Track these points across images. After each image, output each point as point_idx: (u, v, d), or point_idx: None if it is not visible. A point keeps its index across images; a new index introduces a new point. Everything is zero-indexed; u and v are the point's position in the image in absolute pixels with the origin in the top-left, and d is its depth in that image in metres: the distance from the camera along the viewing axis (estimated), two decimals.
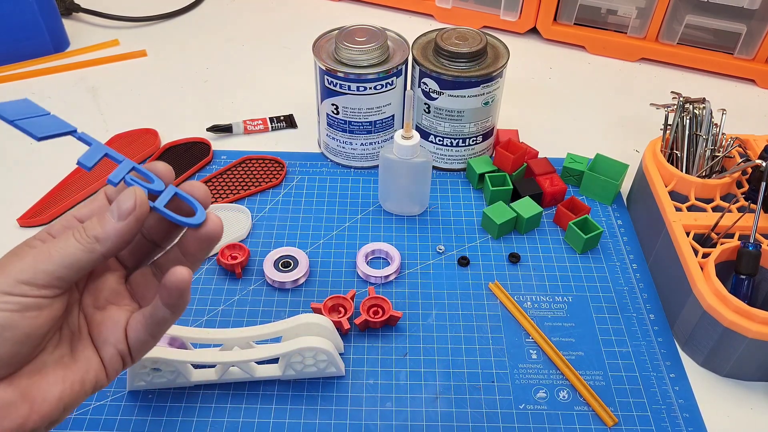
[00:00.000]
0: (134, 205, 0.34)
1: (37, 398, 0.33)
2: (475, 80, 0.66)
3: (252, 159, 0.74)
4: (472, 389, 0.54)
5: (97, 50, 0.93)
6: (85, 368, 0.35)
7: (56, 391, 0.34)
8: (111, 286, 0.37)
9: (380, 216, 0.69)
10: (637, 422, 0.52)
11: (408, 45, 0.69)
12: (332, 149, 0.74)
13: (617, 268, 0.64)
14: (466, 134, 0.70)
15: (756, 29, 0.86)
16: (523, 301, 0.61)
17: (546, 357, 0.56)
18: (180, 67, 0.91)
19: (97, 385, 0.36)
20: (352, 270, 0.63)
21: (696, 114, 0.66)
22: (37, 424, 0.33)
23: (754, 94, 0.89)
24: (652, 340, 0.58)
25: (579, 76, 0.92)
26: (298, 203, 0.70)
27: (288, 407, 0.52)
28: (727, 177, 0.63)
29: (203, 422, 0.51)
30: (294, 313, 0.58)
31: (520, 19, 0.96)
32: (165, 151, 0.74)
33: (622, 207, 0.71)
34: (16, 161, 0.75)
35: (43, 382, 0.34)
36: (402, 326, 0.58)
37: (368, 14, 1.02)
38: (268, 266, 0.62)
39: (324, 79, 0.67)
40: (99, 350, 0.36)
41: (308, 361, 0.52)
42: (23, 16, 0.85)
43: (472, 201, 0.71)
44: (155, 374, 0.51)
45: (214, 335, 0.52)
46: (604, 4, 0.92)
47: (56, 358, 0.35)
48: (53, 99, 0.84)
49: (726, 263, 0.57)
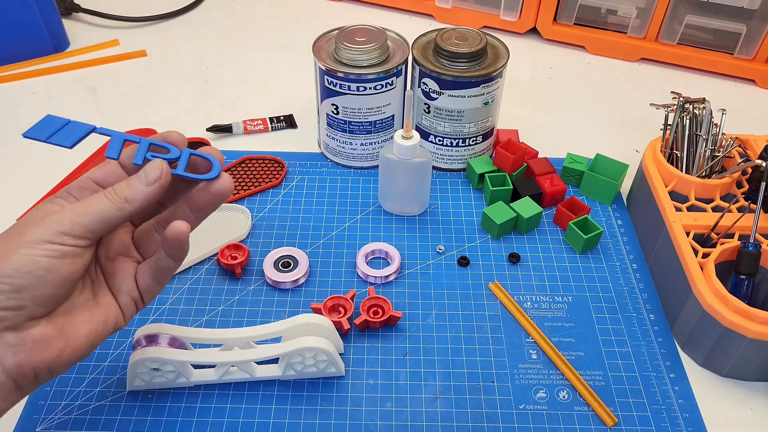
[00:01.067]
0: (160, 174, 0.40)
1: (70, 335, 0.39)
2: (475, 80, 0.66)
3: (252, 159, 0.74)
4: (472, 389, 0.54)
5: (97, 50, 0.93)
6: (106, 311, 0.41)
7: (85, 329, 0.40)
8: (121, 239, 0.43)
9: (380, 216, 0.69)
10: (637, 422, 0.52)
11: (408, 45, 0.69)
12: (332, 149, 0.74)
13: (617, 268, 0.64)
14: (466, 134, 0.70)
15: (756, 29, 0.86)
16: (523, 301, 0.61)
17: (546, 357, 0.56)
18: (180, 67, 0.91)
19: (116, 326, 0.42)
20: (352, 270, 0.63)
21: (696, 114, 0.66)
22: (69, 357, 0.39)
23: (754, 94, 0.89)
24: (652, 340, 0.58)
25: (579, 76, 0.92)
26: (298, 203, 0.70)
27: (288, 407, 0.52)
28: (727, 177, 0.63)
29: (203, 422, 0.51)
30: (294, 313, 0.58)
31: (520, 19, 0.96)
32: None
33: (622, 207, 0.71)
34: (16, 161, 0.75)
35: (74, 321, 0.40)
36: (402, 326, 0.58)
37: (368, 14, 1.02)
38: (268, 266, 0.62)
39: (324, 79, 0.67)
40: (115, 296, 0.42)
41: (308, 361, 0.52)
42: (23, 16, 0.85)
43: (472, 201, 0.71)
44: (155, 374, 0.51)
45: (214, 335, 0.52)
46: (604, 4, 0.92)
47: (82, 301, 0.41)
48: (53, 99, 0.84)
49: (726, 263, 0.57)
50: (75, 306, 0.40)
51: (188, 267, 0.63)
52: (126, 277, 0.43)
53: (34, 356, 0.37)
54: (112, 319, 0.42)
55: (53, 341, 0.38)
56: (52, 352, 0.38)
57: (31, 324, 0.37)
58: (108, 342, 0.56)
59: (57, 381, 0.53)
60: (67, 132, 0.41)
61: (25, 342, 0.37)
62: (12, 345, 0.37)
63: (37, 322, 0.38)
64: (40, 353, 0.38)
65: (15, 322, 0.37)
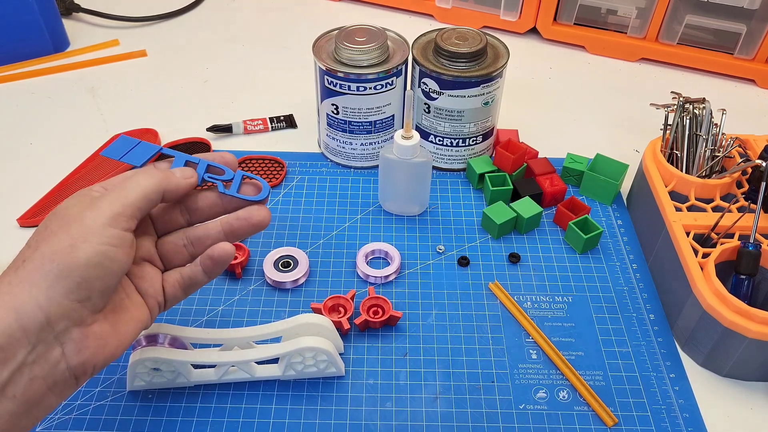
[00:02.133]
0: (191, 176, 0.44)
1: (121, 333, 0.40)
2: (475, 80, 0.66)
3: (252, 159, 0.74)
4: (472, 389, 0.54)
5: (97, 50, 0.93)
6: (140, 311, 0.42)
7: (132, 326, 0.41)
8: (146, 246, 0.45)
9: (380, 216, 0.69)
10: (637, 422, 0.52)
11: (408, 45, 0.69)
12: (332, 149, 0.74)
13: (617, 268, 0.64)
14: (466, 134, 0.70)
15: (756, 29, 0.86)
16: (523, 301, 0.61)
17: (546, 357, 0.56)
18: (180, 67, 0.91)
19: (144, 325, 0.43)
20: (352, 270, 0.63)
21: (696, 114, 0.66)
22: (119, 353, 0.40)
23: (754, 94, 0.89)
24: (652, 340, 0.58)
25: (579, 76, 0.92)
26: (298, 203, 0.70)
27: (288, 407, 0.52)
28: (727, 177, 0.63)
29: (203, 422, 0.51)
30: (294, 313, 0.58)
31: (520, 19, 0.96)
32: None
33: (622, 207, 0.71)
34: (16, 161, 0.75)
35: (122, 318, 0.40)
36: (402, 326, 0.58)
37: (368, 14, 1.02)
38: (268, 266, 0.62)
39: (324, 79, 0.67)
40: (143, 298, 0.43)
41: (308, 361, 0.52)
42: (23, 16, 0.85)
43: (472, 201, 0.71)
44: (155, 374, 0.51)
45: (214, 335, 0.52)
46: (604, 4, 0.92)
47: (121, 298, 0.41)
48: (53, 99, 0.84)
49: (726, 263, 0.57)
50: (117, 304, 0.40)
51: None
52: (153, 282, 0.44)
53: (97, 353, 0.38)
54: (145, 318, 0.43)
55: (110, 338, 0.39)
56: (110, 349, 0.39)
57: (93, 319, 0.38)
58: None
59: None
60: (137, 152, 0.45)
61: (88, 339, 0.38)
62: (78, 342, 0.37)
63: (96, 317, 0.38)
64: (101, 350, 0.38)
65: (81, 315, 0.37)
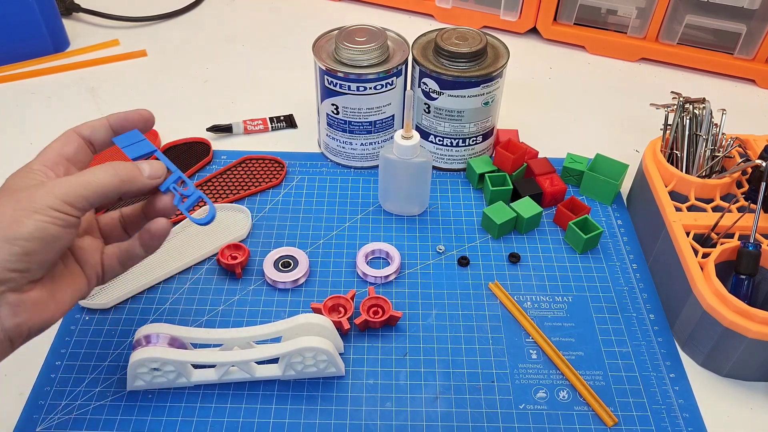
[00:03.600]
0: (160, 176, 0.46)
1: (59, 299, 0.43)
2: (475, 80, 0.66)
3: (252, 159, 0.74)
4: (472, 389, 0.54)
5: (97, 50, 0.93)
6: (78, 280, 0.45)
7: (69, 293, 0.44)
8: (87, 218, 0.48)
9: (380, 216, 0.69)
10: (637, 422, 0.52)
11: (408, 45, 0.69)
12: (332, 149, 0.74)
13: (617, 268, 0.64)
14: (466, 134, 0.70)
15: (756, 29, 0.86)
16: (523, 301, 0.61)
17: (546, 357, 0.56)
18: (180, 67, 0.91)
19: (82, 294, 0.46)
20: (352, 270, 0.63)
21: (696, 114, 0.66)
22: (56, 318, 0.43)
23: (754, 94, 0.89)
24: (652, 340, 0.58)
25: (579, 76, 0.92)
26: (298, 203, 0.70)
27: (288, 407, 0.52)
28: (727, 177, 0.63)
29: (203, 422, 0.51)
30: (294, 313, 0.58)
31: (520, 19, 0.96)
32: (165, 151, 0.74)
33: (622, 207, 0.71)
34: (16, 161, 0.74)
35: (60, 285, 0.43)
36: (402, 326, 0.58)
37: (368, 14, 1.02)
38: (268, 266, 0.62)
39: (324, 79, 0.67)
40: (82, 268, 0.46)
41: (308, 361, 0.52)
42: (23, 16, 0.85)
43: (472, 201, 0.71)
44: (155, 374, 0.51)
45: (214, 335, 0.52)
46: (604, 4, 0.92)
47: (60, 269, 0.44)
48: (53, 99, 0.84)
49: (726, 263, 0.57)
50: (55, 273, 0.43)
51: (188, 267, 0.63)
52: (94, 253, 0.47)
53: (33, 317, 0.41)
54: (82, 287, 0.45)
55: (47, 303, 0.42)
56: (46, 313, 0.42)
57: (30, 287, 0.41)
58: (108, 342, 0.56)
59: (57, 381, 0.53)
60: (137, 147, 0.48)
61: (25, 303, 0.40)
62: (14, 306, 0.40)
63: (34, 285, 0.41)
64: (38, 314, 0.41)
65: (18, 284, 0.39)
